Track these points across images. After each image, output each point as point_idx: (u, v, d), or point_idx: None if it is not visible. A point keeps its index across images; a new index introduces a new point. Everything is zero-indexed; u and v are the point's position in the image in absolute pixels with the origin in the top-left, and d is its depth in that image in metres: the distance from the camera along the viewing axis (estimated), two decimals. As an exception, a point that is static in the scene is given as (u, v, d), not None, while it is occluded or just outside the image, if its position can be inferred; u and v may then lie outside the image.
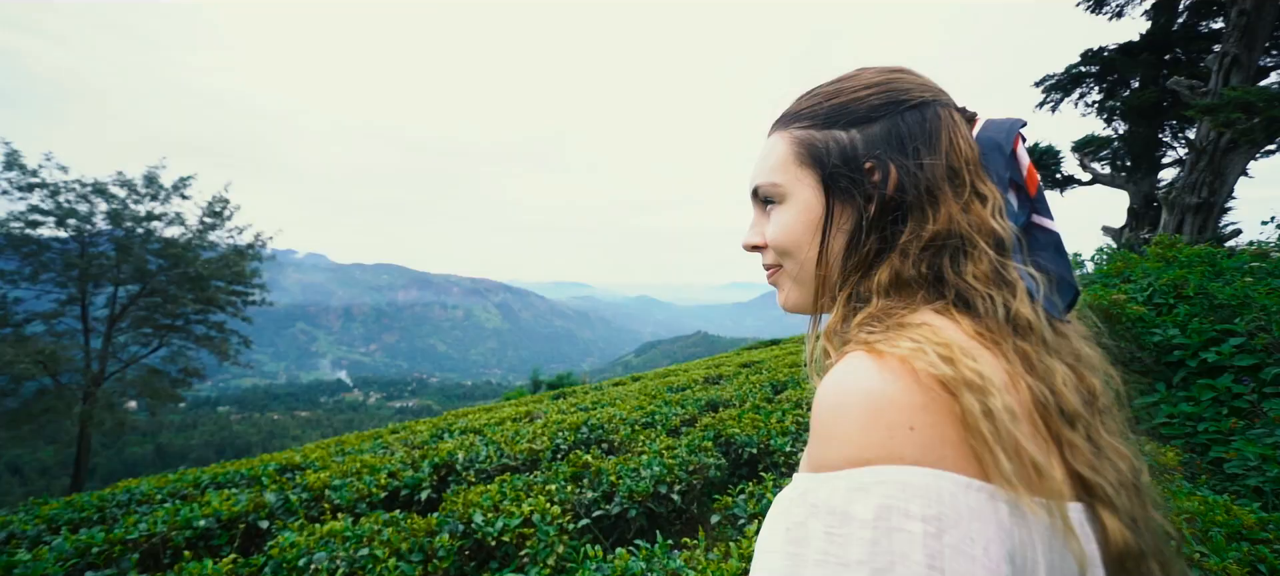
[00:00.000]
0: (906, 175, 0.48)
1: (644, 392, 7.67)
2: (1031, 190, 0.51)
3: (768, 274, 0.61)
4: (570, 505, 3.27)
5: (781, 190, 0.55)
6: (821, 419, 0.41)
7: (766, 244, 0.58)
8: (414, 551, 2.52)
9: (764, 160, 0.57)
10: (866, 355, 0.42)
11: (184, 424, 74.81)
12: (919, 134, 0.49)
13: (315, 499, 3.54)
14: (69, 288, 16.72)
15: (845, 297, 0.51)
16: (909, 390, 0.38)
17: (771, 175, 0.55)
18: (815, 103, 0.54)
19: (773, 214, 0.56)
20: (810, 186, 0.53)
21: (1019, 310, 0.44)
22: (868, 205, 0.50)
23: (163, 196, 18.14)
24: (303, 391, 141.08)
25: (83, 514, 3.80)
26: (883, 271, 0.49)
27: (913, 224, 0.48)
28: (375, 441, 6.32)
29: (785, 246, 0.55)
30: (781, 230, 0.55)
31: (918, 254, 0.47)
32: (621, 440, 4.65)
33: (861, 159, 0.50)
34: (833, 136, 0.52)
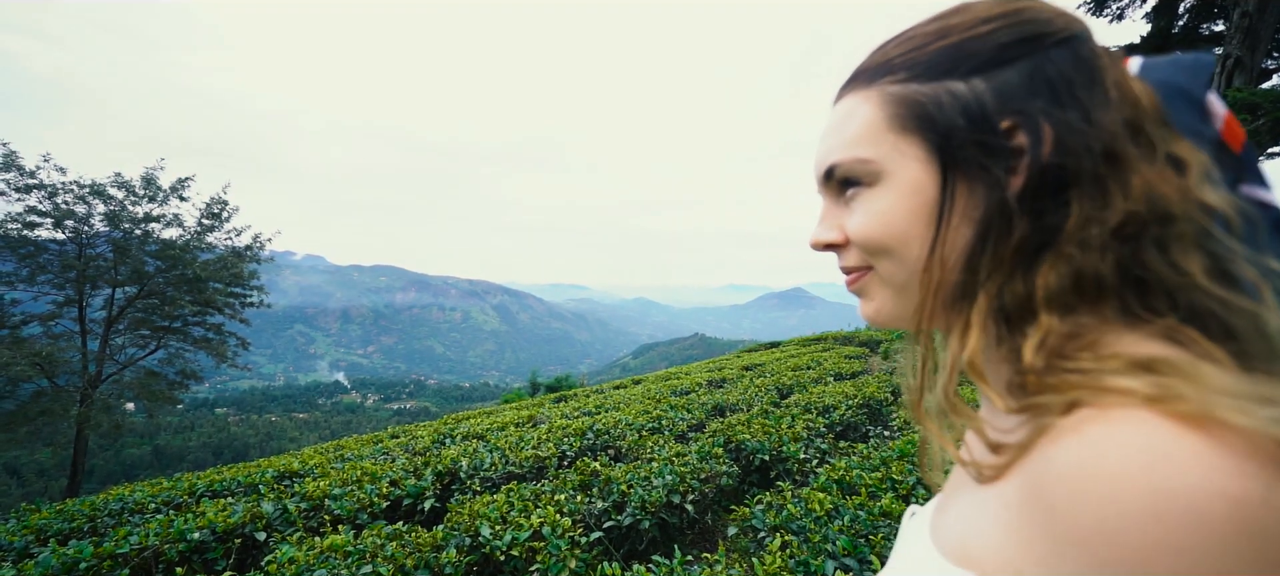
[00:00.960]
0: (1069, 134, 0.34)
1: (648, 396, 7.55)
2: (1236, 147, 0.36)
3: (848, 280, 0.45)
4: (580, 516, 3.15)
5: (873, 168, 0.40)
6: (1117, 536, 0.25)
7: (848, 241, 0.43)
8: (420, 568, 2.40)
9: (840, 130, 0.42)
10: (1178, 428, 0.26)
11: (182, 425, 74.55)
12: (1077, 77, 0.34)
13: (315, 509, 3.41)
14: (66, 289, 16.54)
15: (985, 311, 0.36)
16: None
17: (856, 148, 0.40)
18: (912, 48, 0.39)
19: (858, 201, 0.41)
20: (917, 160, 0.38)
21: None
22: (1009, 179, 0.35)
23: (161, 198, 17.99)
24: (300, 393, 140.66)
25: (73, 524, 3.66)
26: (1048, 272, 0.34)
27: (1085, 203, 0.33)
28: (375, 446, 6.19)
29: (882, 242, 0.40)
30: (876, 221, 0.40)
31: (1104, 244, 0.33)
32: (629, 446, 4.53)
33: (995, 116, 0.35)
34: (946, 89, 0.37)
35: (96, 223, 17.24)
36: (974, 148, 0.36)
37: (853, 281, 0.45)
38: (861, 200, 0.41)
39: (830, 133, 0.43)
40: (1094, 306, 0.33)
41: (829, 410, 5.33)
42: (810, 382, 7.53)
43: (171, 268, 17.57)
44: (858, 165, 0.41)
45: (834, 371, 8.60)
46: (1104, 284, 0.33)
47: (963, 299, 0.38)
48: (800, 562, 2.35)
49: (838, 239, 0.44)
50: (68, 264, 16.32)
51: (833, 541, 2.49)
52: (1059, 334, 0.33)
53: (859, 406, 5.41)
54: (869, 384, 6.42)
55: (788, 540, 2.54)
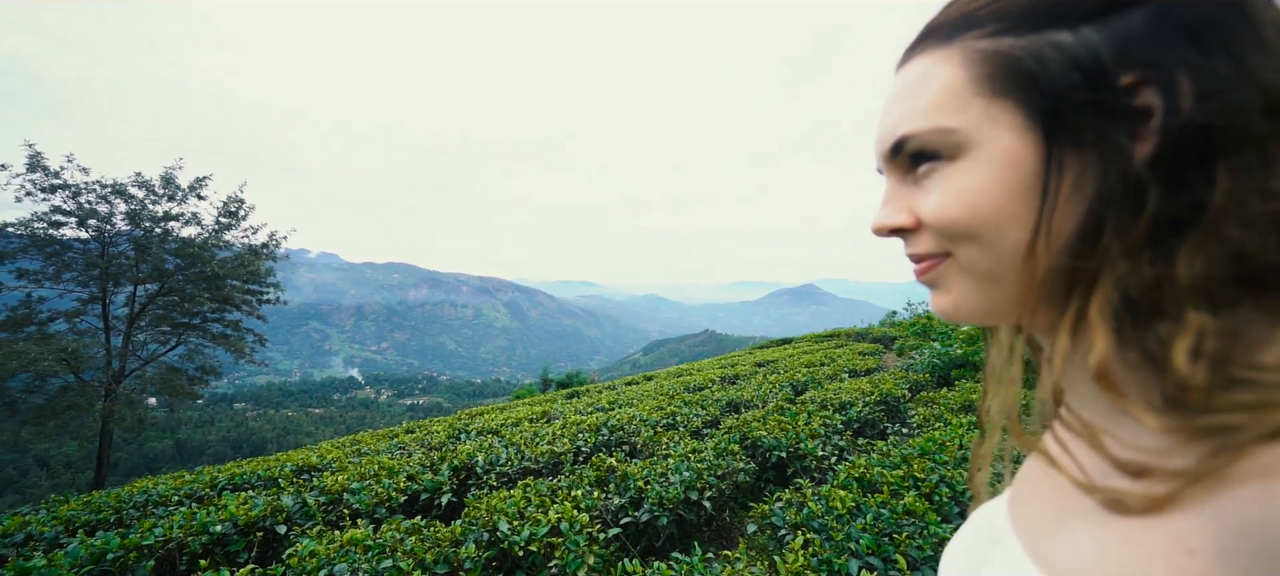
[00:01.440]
0: (1216, 89, 0.27)
1: (661, 392, 7.52)
2: None
3: (918, 269, 0.39)
4: (598, 512, 3.13)
5: (956, 139, 0.33)
6: None
7: (920, 224, 0.37)
8: (439, 563, 2.40)
9: (911, 96, 0.36)
10: None
11: (202, 420, 76.15)
12: (1224, 20, 0.28)
13: (333, 502, 3.44)
14: (90, 287, 16.91)
15: (1107, 305, 0.30)
16: None
17: (934, 116, 0.34)
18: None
19: (935, 178, 0.35)
20: (1012, 127, 0.32)
21: None
22: (1135, 146, 0.29)
23: (180, 197, 18.30)
24: (316, 389, 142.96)
25: (100, 515, 3.73)
26: (1191, 257, 0.27)
27: (1240, 172, 0.27)
28: (391, 441, 6.24)
29: (967, 225, 0.34)
30: (959, 201, 0.34)
31: (1273, 220, 0.26)
32: (644, 442, 4.51)
33: (1114, 71, 0.29)
34: (1049, 42, 0.30)
35: (118, 221, 17.58)
36: (1087, 110, 0.29)
37: (924, 270, 0.38)
38: (940, 177, 0.35)
39: (897, 101, 0.37)
40: (1258, 299, 0.27)
41: (846, 407, 5.26)
42: (825, 379, 7.45)
43: (191, 265, 17.89)
44: (937, 136, 0.34)
45: (848, 368, 8.51)
46: (1270, 270, 0.26)
47: (1071, 290, 0.32)
48: (823, 561, 2.31)
49: (907, 222, 0.38)
50: (91, 262, 16.68)
51: (856, 540, 2.45)
52: (1216, 335, 0.26)
53: (876, 403, 5.33)
54: (885, 380, 6.33)
55: (809, 538, 2.50)
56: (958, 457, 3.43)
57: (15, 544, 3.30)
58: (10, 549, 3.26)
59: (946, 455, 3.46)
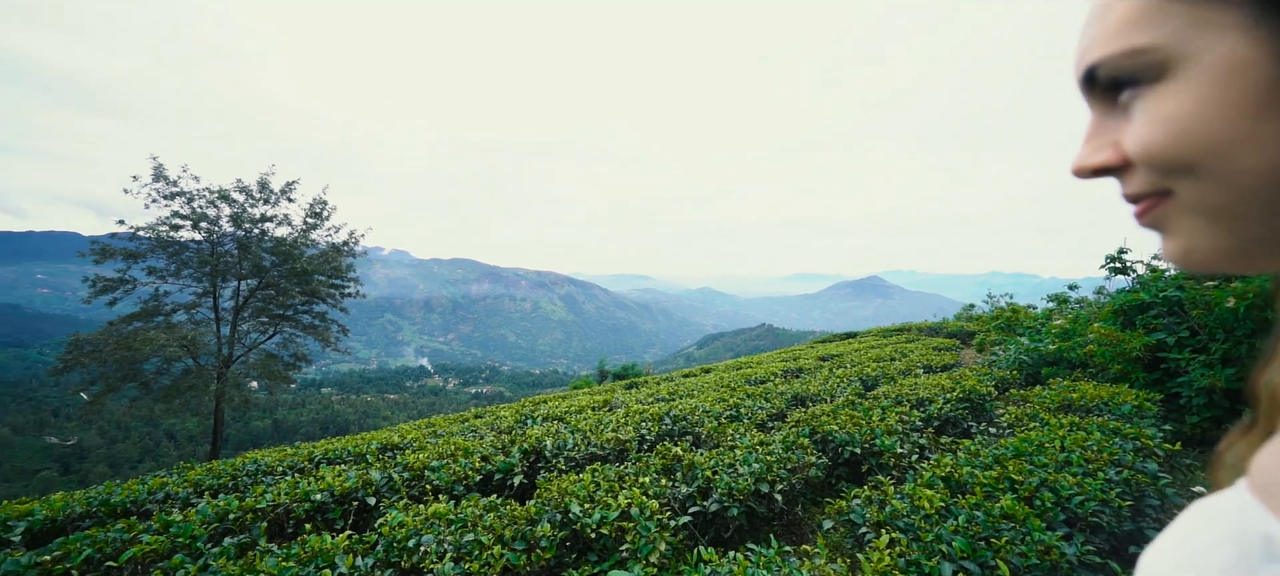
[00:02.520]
0: None
1: (721, 385, 7.41)
2: None
3: (1137, 210, 0.33)
4: (666, 499, 3.12)
5: (1155, 57, 0.27)
6: None
7: (1127, 159, 0.31)
8: (516, 539, 2.48)
9: (1104, 13, 0.30)
10: None
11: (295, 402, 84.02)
12: None
13: (416, 478, 3.65)
14: (203, 282, 19.03)
15: None
16: None
17: (1124, 36, 0.28)
18: None
19: (1142, 104, 0.29)
20: (1231, 28, 0.25)
21: None
22: None
23: (273, 200, 20.13)
24: (391, 376, 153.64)
25: (220, 480, 4.18)
26: None
27: None
28: (463, 425, 6.56)
29: (1183, 155, 0.27)
30: (1167, 129, 0.28)
31: None
32: (708, 433, 4.45)
33: None
34: None
35: (224, 224, 19.58)
36: None
37: (1144, 212, 0.32)
38: (1144, 104, 0.28)
39: (1090, 21, 0.31)
40: None
41: (924, 403, 4.94)
42: (897, 374, 7.04)
43: (283, 262, 19.68)
44: (1130, 59, 0.28)
45: (923, 363, 7.99)
46: None
47: None
48: (911, 562, 2.17)
49: (1111, 159, 0.31)
50: (203, 260, 18.73)
51: (947, 542, 2.28)
52: None
53: (959, 400, 4.97)
54: (967, 377, 5.89)
55: (895, 537, 2.36)
56: (1059, 460, 3.13)
57: (158, 501, 3.77)
58: (154, 504, 3.73)
59: (1046, 458, 3.15)
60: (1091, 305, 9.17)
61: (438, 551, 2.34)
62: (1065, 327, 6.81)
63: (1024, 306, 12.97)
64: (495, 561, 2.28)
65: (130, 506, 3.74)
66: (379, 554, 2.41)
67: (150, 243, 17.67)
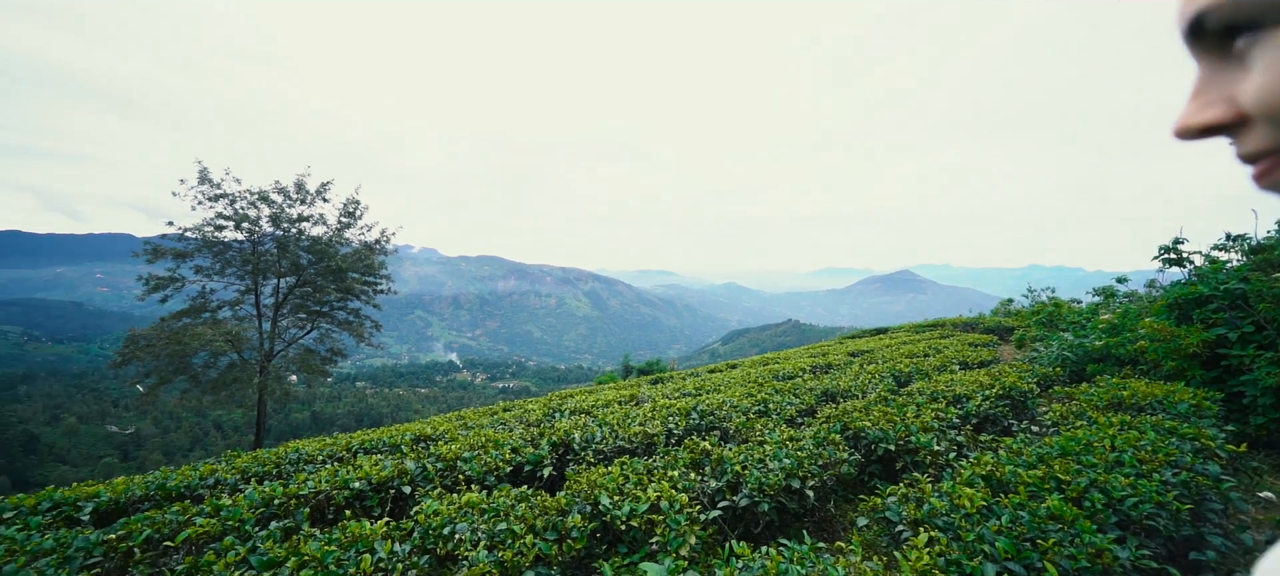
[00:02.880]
0: None
1: (748, 380, 7.34)
2: None
3: (1257, 171, 0.30)
4: (695, 493, 3.11)
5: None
6: None
7: (1243, 113, 0.28)
8: (548, 529, 2.51)
9: None
10: None
11: (332, 395, 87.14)
12: None
13: (448, 469, 3.73)
14: (245, 280, 19.88)
15: None
16: None
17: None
18: None
19: (1258, 51, 0.26)
20: None
21: None
22: None
23: (309, 200, 20.85)
24: (421, 371, 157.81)
25: (264, 468, 4.37)
26: None
27: None
28: (492, 417, 6.69)
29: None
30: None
31: None
32: (736, 428, 4.41)
33: None
34: None
35: (263, 224, 20.38)
36: None
37: (1265, 173, 0.29)
38: (1265, 49, 0.25)
39: None
40: None
41: (961, 400, 4.79)
42: (932, 370, 6.84)
43: (319, 260, 20.40)
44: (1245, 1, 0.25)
45: (958, 359, 7.73)
46: None
47: None
48: (951, 562, 2.10)
49: (1225, 116, 0.28)
50: (245, 259, 19.56)
51: (990, 542, 2.20)
52: None
53: (998, 397, 4.79)
54: (1007, 373, 5.67)
55: (934, 536, 2.29)
56: (1109, 460, 2.98)
57: (208, 486, 3.96)
58: (206, 489, 3.93)
59: (1095, 457, 3.01)
60: (1142, 299, 8.70)
61: (472, 539, 2.39)
62: (1113, 322, 6.48)
63: (1067, 301, 12.40)
64: (527, 550, 2.31)
65: (184, 491, 3.95)
66: (415, 540, 2.48)
67: (196, 243, 18.55)
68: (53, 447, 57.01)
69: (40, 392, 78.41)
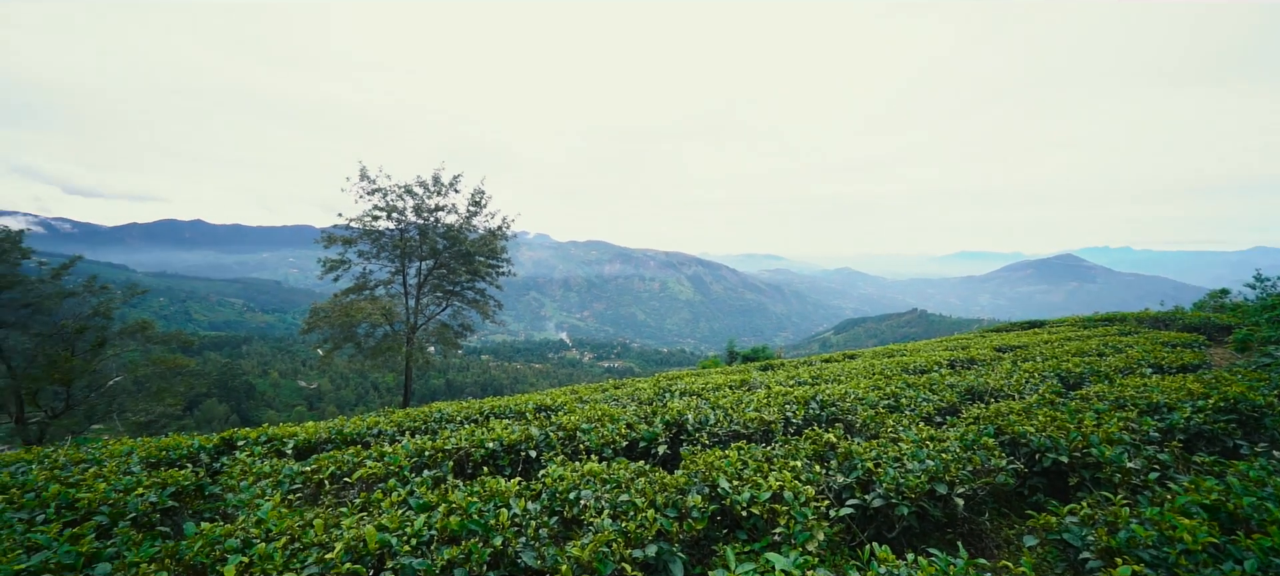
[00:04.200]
0: None
1: (873, 371, 6.73)
2: None
3: None
4: (820, 487, 2.90)
5: None
6: None
7: None
8: (668, 506, 2.49)
9: None
10: None
11: (461, 366, 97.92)
12: None
13: (569, 438, 3.92)
14: (395, 262, 22.90)
15: None
16: None
17: None
18: None
19: None
20: None
21: None
22: None
23: (444, 191, 23.28)
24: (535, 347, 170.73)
25: (415, 423, 4.98)
26: None
27: None
28: (604, 393, 6.94)
29: None
30: None
31: None
32: (863, 422, 4.05)
33: None
34: None
35: (408, 214, 23.19)
36: None
37: None
38: None
39: None
40: None
41: (1160, 410, 3.90)
42: (1113, 372, 5.69)
43: (452, 245, 22.79)
44: None
45: (1149, 360, 6.33)
46: None
47: None
48: (1170, 606, 1.69)
49: None
50: (395, 244, 22.48)
51: (1228, 589, 1.73)
52: None
53: (1218, 410, 3.81)
54: (1229, 381, 4.50)
55: (1139, 572, 1.86)
56: None
57: (373, 435, 4.62)
58: (371, 437, 4.58)
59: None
60: None
61: (596, 506, 2.46)
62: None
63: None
64: (649, 524, 2.31)
65: (355, 437, 4.65)
66: (543, 501, 2.61)
67: (359, 231, 21.71)
68: (263, 394, 71.66)
69: (254, 351, 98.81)
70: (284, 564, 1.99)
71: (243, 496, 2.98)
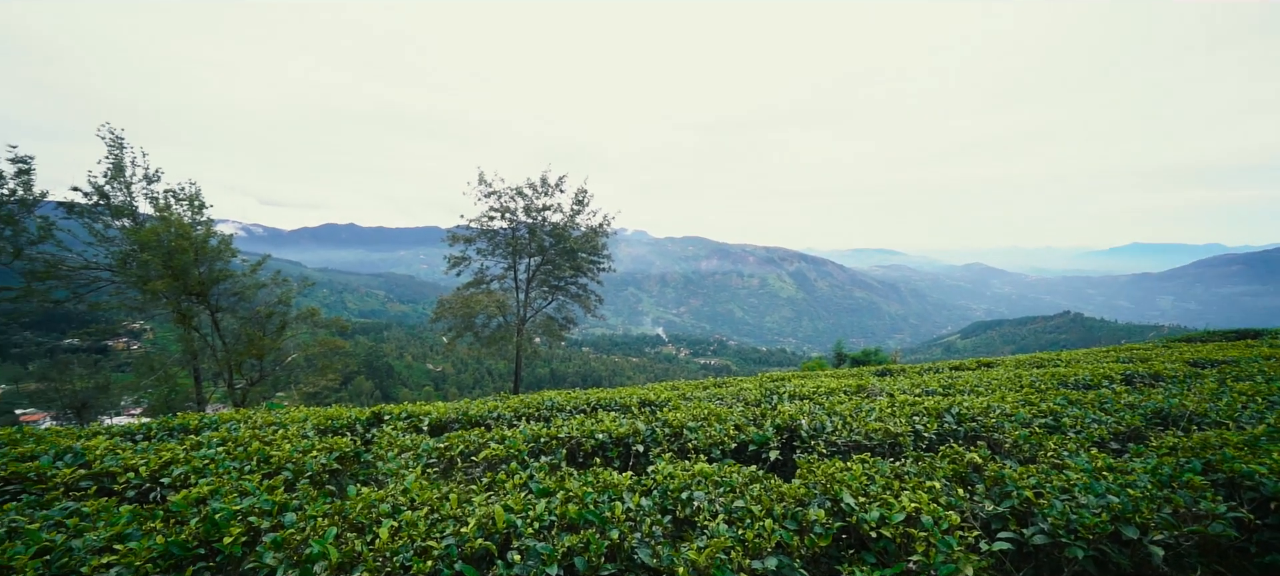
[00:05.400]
0: None
1: (1020, 383, 5.84)
2: None
3: None
4: (964, 514, 2.54)
5: None
6: None
7: None
8: (787, 517, 2.34)
9: None
10: None
11: (564, 357, 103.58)
12: None
13: (675, 435, 3.89)
14: (507, 259, 24.78)
15: None
16: None
17: None
18: None
19: None
20: None
21: None
22: None
23: (550, 192, 24.66)
24: (633, 342, 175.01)
25: (530, 409, 5.29)
26: None
27: None
28: (705, 391, 6.84)
29: None
30: None
31: None
32: (1014, 442, 3.50)
33: None
34: None
35: (519, 214, 24.90)
36: None
37: None
38: None
39: None
40: None
41: None
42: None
43: (558, 242, 24.09)
44: None
45: None
46: None
47: None
48: None
49: None
50: (507, 242, 24.31)
51: None
52: None
53: None
54: None
55: None
56: None
57: (494, 419, 4.99)
58: (492, 420, 4.96)
59: None
60: None
61: (710, 509, 2.38)
62: None
63: None
64: (767, 534, 2.19)
65: (478, 419, 5.06)
66: (655, 498, 2.60)
67: (477, 231, 23.82)
68: (400, 374, 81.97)
69: (393, 337, 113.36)
70: (426, 532, 2.19)
71: (390, 465, 3.37)
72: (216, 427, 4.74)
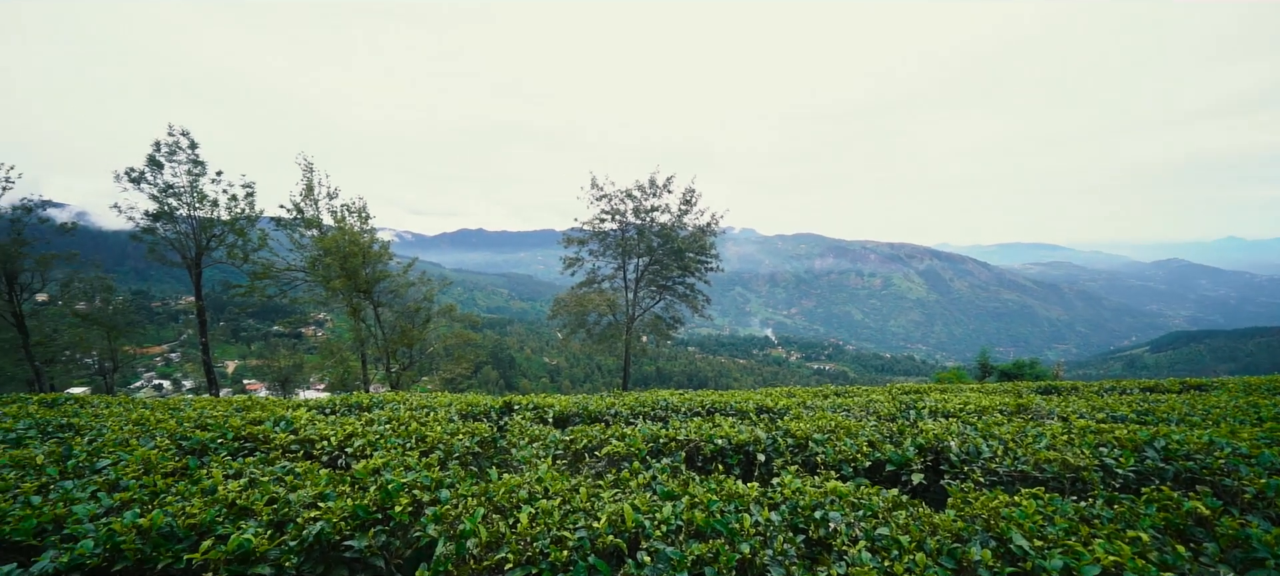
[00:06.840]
0: None
1: (1255, 413, 4.58)
2: None
3: None
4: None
5: None
6: None
7: None
8: (942, 554, 2.06)
9: None
10: None
11: (671, 356, 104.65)
12: None
13: (799, 446, 3.67)
14: (617, 260, 25.62)
15: None
16: None
17: None
18: None
19: None
20: None
21: None
22: None
23: (658, 193, 24.98)
24: (740, 343, 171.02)
25: (644, 408, 5.38)
26: None
27: None
28: (825, 400, 6.39)
29: None
30: None
31: None
32: (1259, 491, 2.73)
33: None
34: None
35: (629, 216, 25.58)
36: None
37: None
38: None
39: None
40: None
41: None
42: None
43: (665, 243, 24.33)
44: None
45: None
46: None
47: None
48: None
49: None
50: (617, 243, 25.15)
51: None
52: None
53: None
54: None
55: None
56: None
57: (611, 415, 5.15)
58: (609, 416, 5.12)
59: None
60: None
61: (849, 534, 2.19)
62: None
63: None
64: (919, 570, 1.94)
65: (598, 414, 5.27)
66: (784, 513, 2.45)
67: (589, 233, 24.99)
68: (520, 366, 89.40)
69: (515, 332, 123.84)
70: (559, 521, 2.30)
71: (524, 453, 3.63)
72: (382, 407, 5.52)
